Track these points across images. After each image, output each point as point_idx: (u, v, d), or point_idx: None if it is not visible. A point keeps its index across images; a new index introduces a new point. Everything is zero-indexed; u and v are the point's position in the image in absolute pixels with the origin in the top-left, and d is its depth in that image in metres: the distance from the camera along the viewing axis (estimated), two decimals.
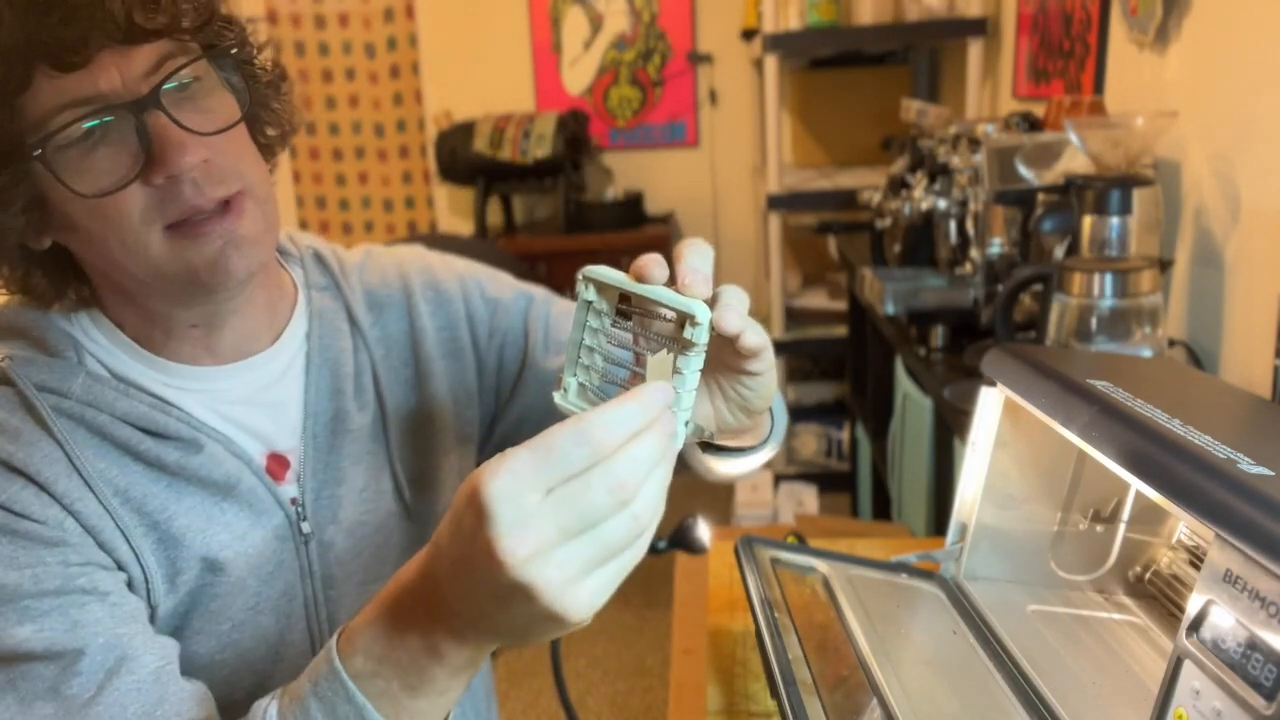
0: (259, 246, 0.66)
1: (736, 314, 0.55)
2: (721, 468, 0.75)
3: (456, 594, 0.48)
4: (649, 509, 0.46)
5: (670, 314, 0.54)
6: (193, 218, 0.62)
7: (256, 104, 0.69)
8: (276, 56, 0.71)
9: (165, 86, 0.61)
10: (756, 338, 0.57)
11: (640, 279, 0.55)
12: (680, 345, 0.54)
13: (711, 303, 0.55)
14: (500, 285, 0.89)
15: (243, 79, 0.68)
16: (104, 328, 0.71)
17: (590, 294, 0.56)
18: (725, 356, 0.60)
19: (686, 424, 0.55)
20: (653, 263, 0.55)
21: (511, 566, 0.44)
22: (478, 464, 0.89)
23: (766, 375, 0.62)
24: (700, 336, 0.52)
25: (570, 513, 0.44)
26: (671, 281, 0.55)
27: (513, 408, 0.87)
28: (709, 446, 0.72)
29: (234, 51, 0.67)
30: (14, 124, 0.58)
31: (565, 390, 0.57)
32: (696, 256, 0.55)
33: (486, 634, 0.50)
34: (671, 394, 0.50)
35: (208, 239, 0.63)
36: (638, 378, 0.58)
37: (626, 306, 0.57)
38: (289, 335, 0.77)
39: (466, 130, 3.36)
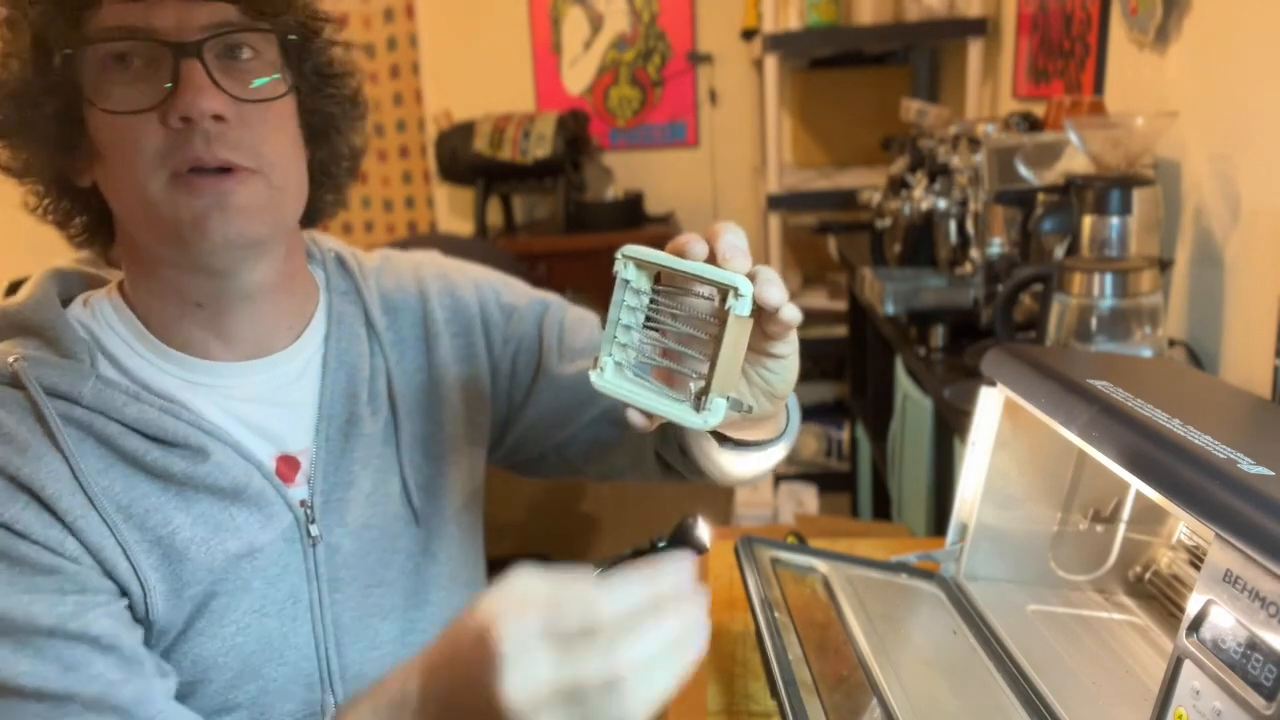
0: (251, 220, 0.66)
1: (778, 288, 0.56)
2: (737, 466, 0.75)
3: (443, 712, 0.52)
4: (638, 706, 0.48)
5: (708, 291, 0.55)
6: (194, 170, 0.64)
7: (319, 114, 0.72)
8: (362, 87, 0.75)
9: (213, 42, 0.64)
10: (794, 312, 0.58)
11: (680, 256, 0.56)
12: (721, 320, 0.55)
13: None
14: (516, 292, 0.89)
15: (307, 82, 0.71)
16: (121, 312, 0.72)
17: (629, 272, 0.57)
18: (752, 339, 0.61)
19: (728, 397, 0.57)
20: (693, 240, 0.56)
21: (509, 710, 0.47)
22: (487, 468, 0.89)
23: (790, 358, 0.63)
24: (744, 308, 0.54)
25: (566, 680, 0.47)
26: (710, 259, 0.56)
27: (525, 414, 0.87)
28: (725, 441, 0.72)
29: (292, 39, 0.69)
30: (74, 33, 0.62)
31: (602, 370, 0.58)
32: (733, 234, 0.57)
33: None
34: (692, 574, 0.50)
35: (197, 194, 0.64)
36: (673, 355, 0.59)
37: (663, 286, 0.57)
38: (308, 336, 0.77)
39: (466, 130, 3.36)
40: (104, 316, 0.72)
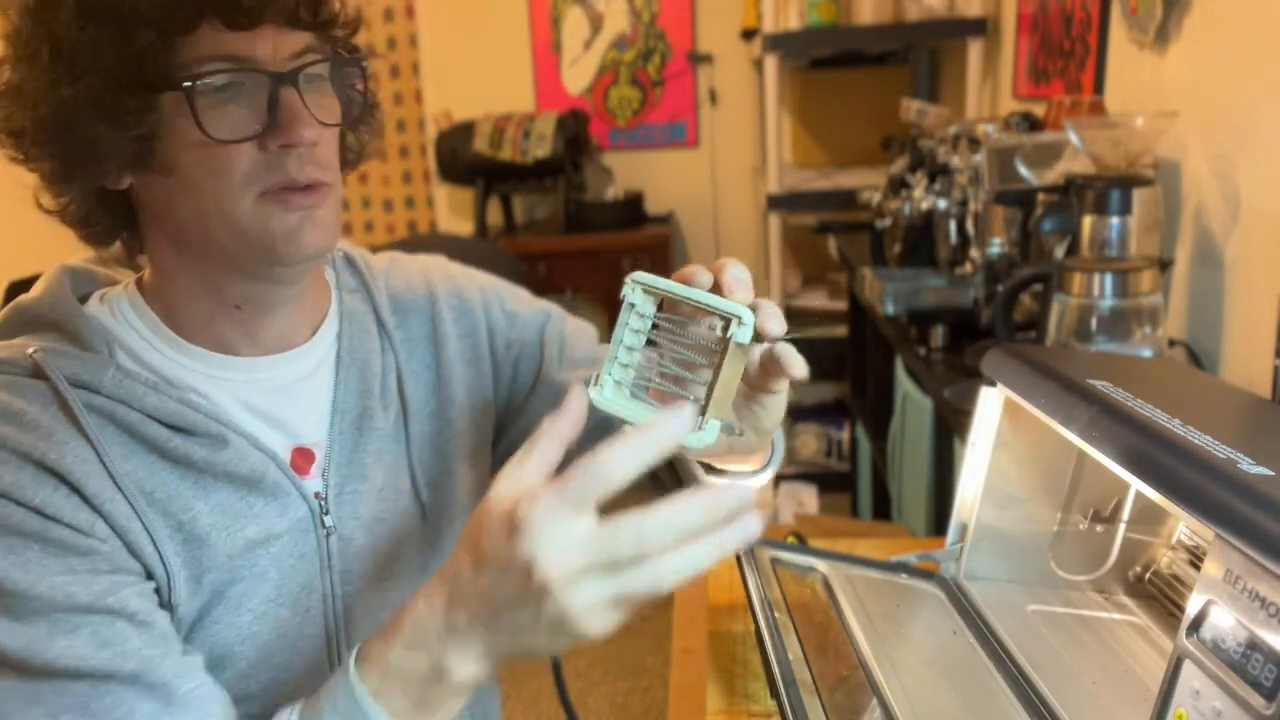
0: (330, 233, 0.70)
1: (778, 321, 0.59)
2: None
3: (474, 596, 0.55)
4: (673, 573, 0.52)
5: (709, 321, 0.59)
6: (285, 188, 0.66)
7: (354, 119, 0.75)
8: (375, 90, 0.77)
9: (304, 71, 0.66)
10: (802, 369, 0.62)
11: (686, 284, 0.59)
12: (721, 348, 0.58)
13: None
14: (519, 300, 0.92)
15: (348, 95, 0.74)
16: (142, 312, 0.73)
17: (636, 296, 0.60)
18: (750, 379, 0.64)
19: (720, 421, 0.59)
20: (699, 271, 0.60)
21: (548, 581, 0.51)
22: (491, 473, 0.90)
23: (781, 395, 0.67)
24: (745, 336, 0.57)
25: (598, 553, 0.51)
26: (715, 290, 0.60)
27: (521, 420, 0.89)
28: (712, 471, 0.74)
29: (363, 65, 0.73)
30: (167, 58, 0.62)
31: (601, 388, 0.60)
32: (738, 268, 0.61)
33: (491, 637, 0.56)
34: (689, 424, 0.54)
35: (290, 211, 0.67)
36: (672, 378, 0.62)
37: (666, 314, 0.61)
38: (323, 333, 0.79)
39: (466, 130, 3.36)
40: (122, 314, 0.73)
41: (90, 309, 0.73)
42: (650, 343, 0.61)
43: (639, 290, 0.60)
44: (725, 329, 0.57)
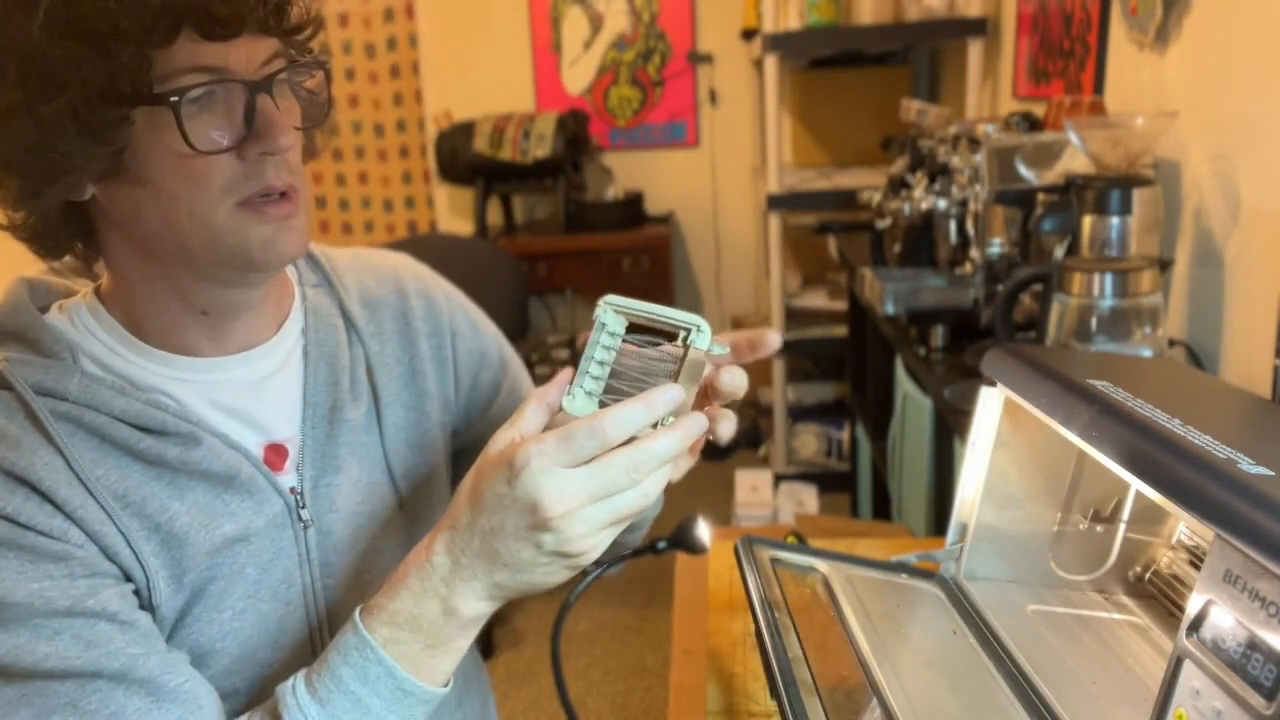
0: (304, 237, 0.70)
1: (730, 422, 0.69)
2: None
3: (476, 536, 0.60)
4: (657, 488, 0.61)
5: (674, 347, 0.65)
6: (264, 197, 0.67)
7: (317, 121, 0.75)
8: (330, 93, 0.77)
9: (276, 78, 0.67)
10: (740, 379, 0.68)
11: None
12: (682, 358, 0.64)
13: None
14: (478, 312, 0.94)
15: (310, 98, 0.74)
16: (102, 319, 0.72)
17: (607, 317, 0.66)
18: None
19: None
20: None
21: (549, 519, 0.57)
22: (451, 470, 0.91)
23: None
24: (702, 342, 0.63)
25: (598, 484, 0.58)
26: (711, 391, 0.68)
27: (478, 429, 0.91)
28: None
29: (326, 69, 0.73)
30: (143, 72, 0.62)
31: (573, 397, 0.66)
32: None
33: (494, 573, 0.61)
34: (681, 395, 0.62)
35: (267, 219, 0.67)
36: (638, 387, 0.68)
37: (635, 337, 0.68)
38: (288, 328, 0.79)
39: (466, 130, 3.36)
40: (82, 322, 0.72)
41: (50, 319, 0.72)
42: (620, 360, 0.67)
43: (610, 311, 0.66)
44: (685, 339, 0.64)
